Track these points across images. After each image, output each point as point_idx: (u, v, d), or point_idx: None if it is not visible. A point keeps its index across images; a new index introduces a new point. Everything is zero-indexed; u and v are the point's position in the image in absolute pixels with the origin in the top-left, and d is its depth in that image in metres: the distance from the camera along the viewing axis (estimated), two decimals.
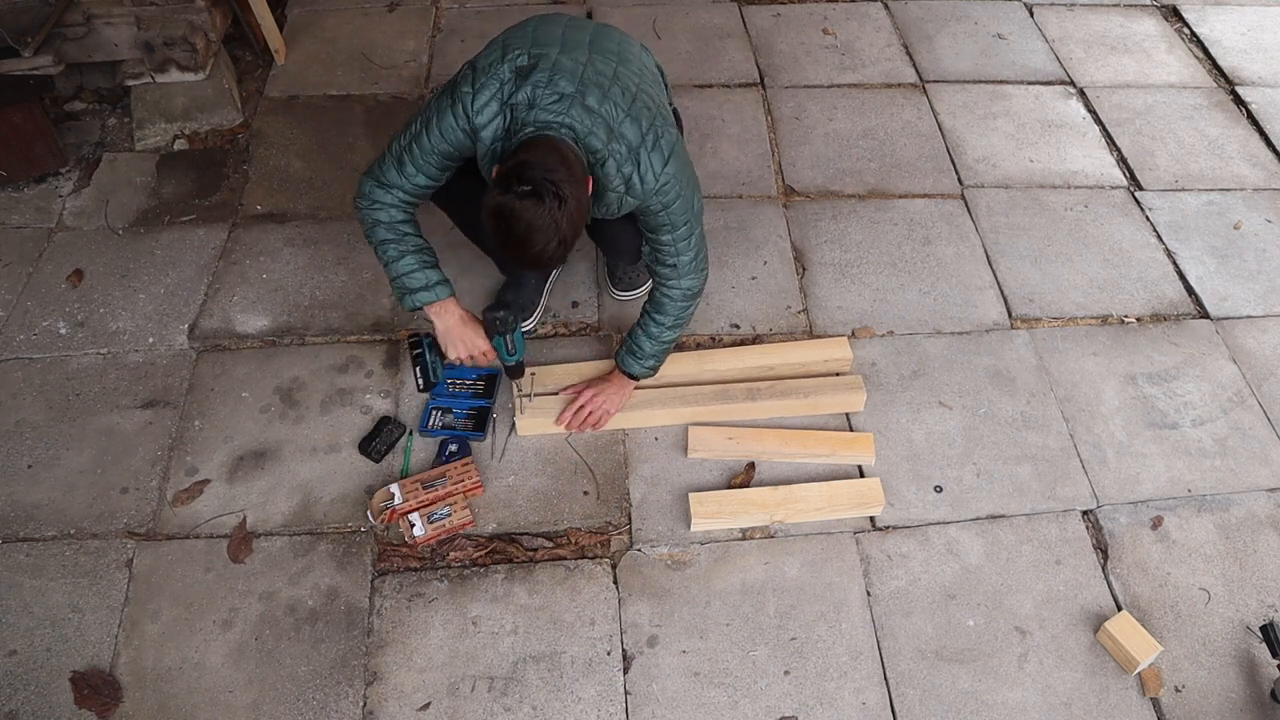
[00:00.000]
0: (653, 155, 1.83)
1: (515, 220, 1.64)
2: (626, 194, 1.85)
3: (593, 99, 1.78)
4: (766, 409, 2.22)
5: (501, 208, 1.65)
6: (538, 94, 1.76)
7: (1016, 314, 2.52)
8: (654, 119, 1.85)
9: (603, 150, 1.78)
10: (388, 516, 2.01)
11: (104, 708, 1.75)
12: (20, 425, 2.18)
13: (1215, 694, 1.86)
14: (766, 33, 3.42)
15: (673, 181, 1.87)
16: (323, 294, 2.48)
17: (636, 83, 1.87)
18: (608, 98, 1.80)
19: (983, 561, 2.02)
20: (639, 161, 1.82)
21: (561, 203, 1.64)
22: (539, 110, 1.75)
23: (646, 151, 1.82)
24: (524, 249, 1.68)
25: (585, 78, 1.80)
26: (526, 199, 1.63)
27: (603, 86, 1.80)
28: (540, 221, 1.64)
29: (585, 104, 1.77)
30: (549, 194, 1.63)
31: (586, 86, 1.78)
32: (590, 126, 1.76)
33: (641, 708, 1.79)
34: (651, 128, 1.84)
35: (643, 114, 1.83)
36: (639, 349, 2.11)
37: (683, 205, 1.92)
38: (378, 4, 3.44)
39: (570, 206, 1.66)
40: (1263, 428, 2.30)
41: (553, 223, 1.65)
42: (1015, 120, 3.12)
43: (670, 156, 1.85)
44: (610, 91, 1.81)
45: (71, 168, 2.80)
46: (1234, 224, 2.81)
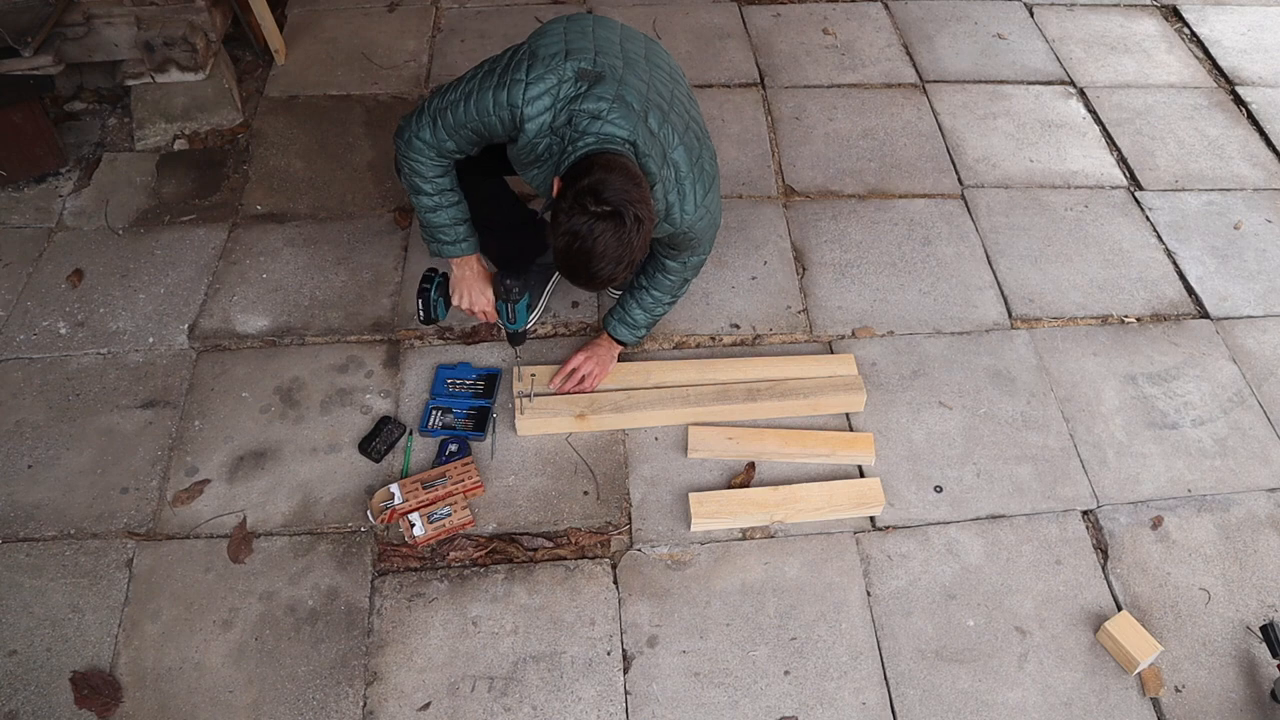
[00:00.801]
0: (697, 185, 1.83)
1: (594, 241, 1.61)
2: (664, 220, 1.84)
3: (654, 121, 1.77)
4: (766, 409, 2.22)
5: (580, 228, 1.61)
6: (603, 107, 1.72)
7: (1016, 314, 2.52)
8: (701, 148, 1.86)
9: (656, 174, 1.76)
10: (388, 516, 2.01)
11: (104, 708, 1.75)
12: (20, 425, 2.18)
13: (1215, 694, 1.86)
14: (766, 33, 3.42)
15: (708, 213, 1.88)
16: (323, 294, 2.48)
17: (688, 107, 1.88)
18: (666, 121, 1.79)
19: (983, 561, 2.02)
20: (683, 190, 1.81)
21: (640, 225, 1.63)
22: (605, 123, 1.72)
23: (692, 181, 1.82)
24: (591, 268, 1.66)
25: (649, 98, 1.78)
26: (606, 220, 1.61)
27: (663, 109, 1.79)
28: (616, 244, 1.62)
29: (648, 125, 1.76)
30: (629, 216, 1.61)
31: (649, 107, 1.77)
32: (648, 149, 1.75)
33: (641, 708, 1.79)
34: (700, 158, 1.84)
35: (694, 142, 1.83)
36: (632, 319, 2.13)
37: (711, 234, 1.96)
38: (378, 4, 3.44)
39: (645, 229, 1.65)
40: (1263, 428, 2.30)
41: (627, 246, 1.63)
42: (1015, 120, 3.12)
43: (710, 188, 1.86)
44: (669, 116, 1.80)
45: (71, 168, 2.80)
46: (1234, 224, 2.81)
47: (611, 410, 2.18)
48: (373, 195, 2.75)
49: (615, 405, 2.19)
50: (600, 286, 1.75)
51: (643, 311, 2.12)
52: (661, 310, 2.15)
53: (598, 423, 2.19)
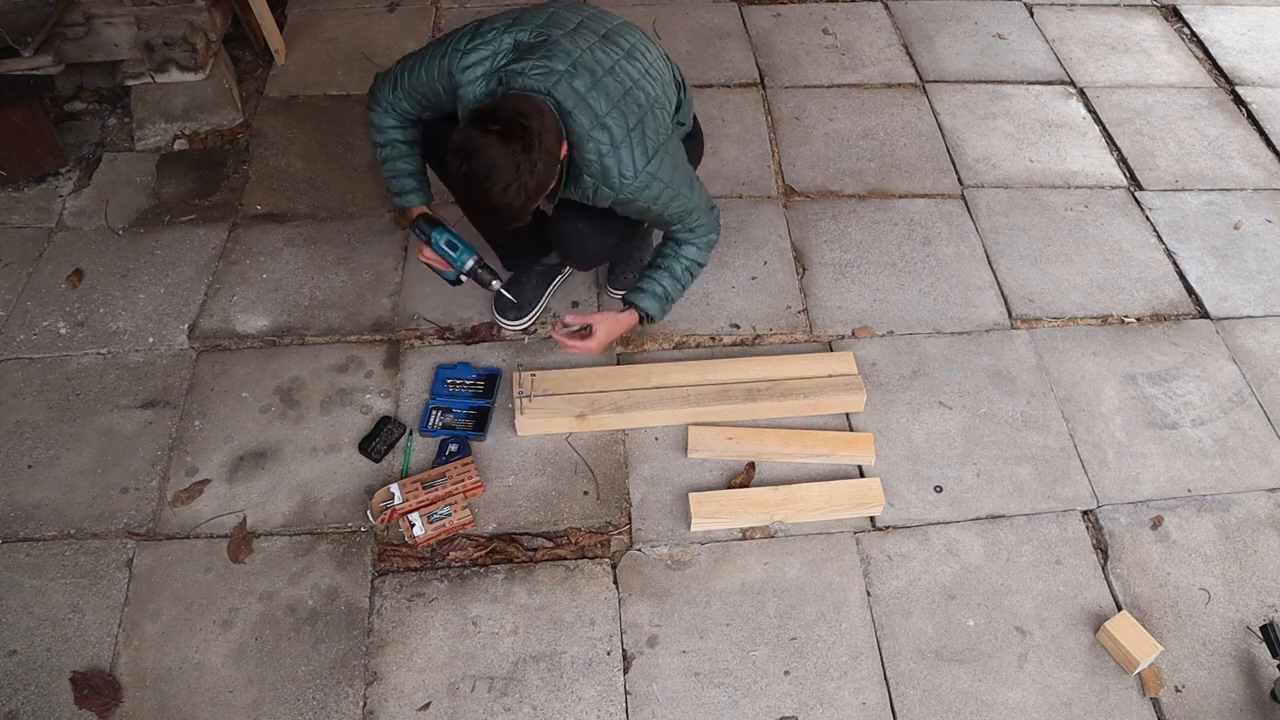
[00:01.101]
0: (635, 151, 1.81)
1: (477, 157, 1.62)
2: (603, 184, 1.84)
3: (581, 83, 1.77)
4: (766, 409, 2.22)
5: (466, 141, 1.63)
6: (527, 65, 1.76)
7: (1016, 314, 2.52)
8: (643, 116, 1.84)
9: (584, 134, 1.77)
10: (388, 516, 2.01)
11: (104, 708, 1.75)
12: (20, 425, 2.18)
13: (1215, 694, 1.86)
14: (766, 33, 3.42)
15: (658, 180, 1.85)
16: (323, 294, 2.48)
17: (635, 79, 1.87)
18: (598, 86, 1.79)
19: (983, 561, 2.02)
20: (619, 155, 1.80)
21: (527, 149, 1.62)
22: (524, 78, 1.75)
23: (630, 147, 1.81)
24: (484, 192, 1.65)
25: (580, 61, 1.79)
26: (491, 135, 1.61)
27: (595, 74, 1.80)
28: (503, 161, 1.61)
29: (573, 85, 1.77)
30: (517, 135, 1.62)
31: (578, 70, 1.78)
32: (572, 107, 1.75)
33: (641, 708, 1.79)
34: (640, 124, 1.82)
35: (631, 109, 1.82)
36: (659, 287, 2.07)
37: (680, 204, 1.93)
38: (378, 4, 3.44)
39: (537, 156, 1.64)
40: (1263, 428, 2.30)
41: (515, 166, 1.62)
42: (1015, 120, 3.12)
43: (655, 154, 1.84)
44: (602, 81, 1.80)
45: (71, 168, 2.80)
46: (1234, 224, 2.81)
47: (612, 410, 2.18)
48: (373, 195, 2.75)
49: (615, 405, 2.18)
50: (499, 217, 1.72)
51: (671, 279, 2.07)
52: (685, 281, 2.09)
53: (598, 423, 2.19)
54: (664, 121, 1.92)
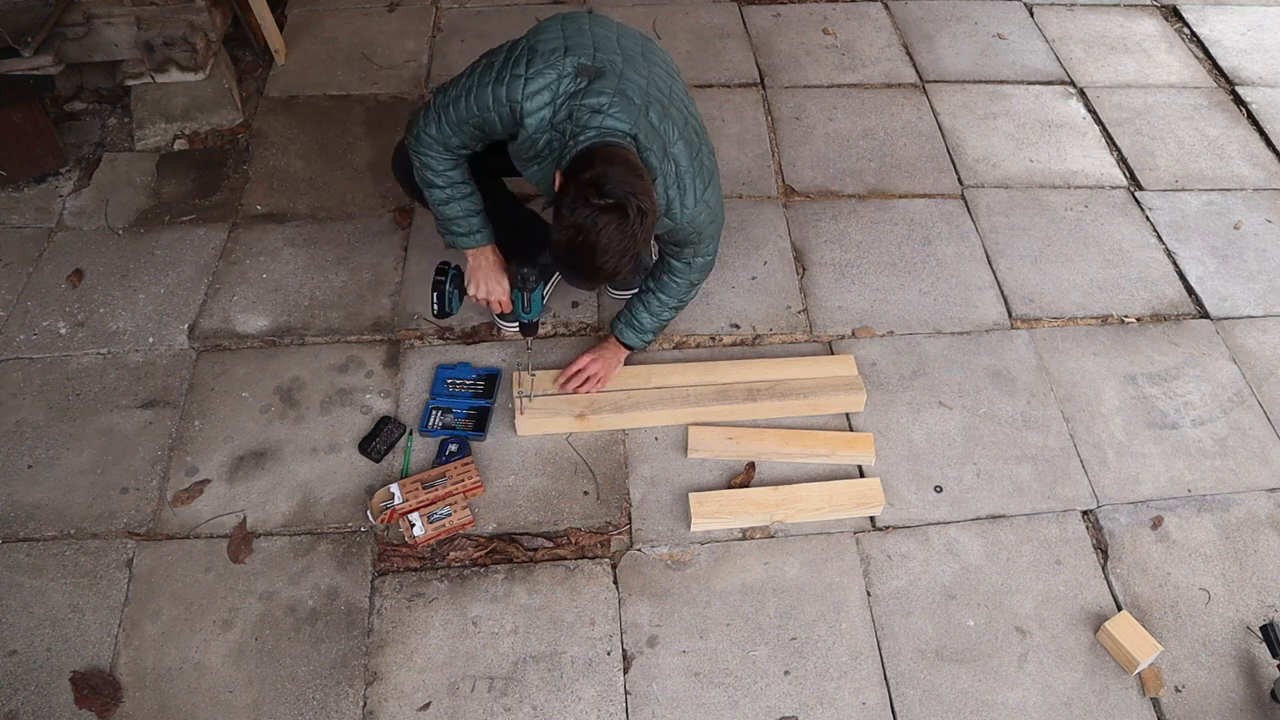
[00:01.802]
0: (697, 180, 1.83)
1: (597, 234, 1.60)
2: (665, 215, 1.84)
3: (655, 115, 1.77)
4: (766, 409, 2.22)
5: (584, 221, 1.60)
6: (604, 101, 1.72)
7: (1016, 314, 2.52)
8: (701, 143, 1.85)
9: (657, 168, 1.76)
10: (388, 516, 2.01)
11: (104, 708, 1.75)
12: (20, 425, 2.18)
13: (1215, 694, 1.86)
14: (766, 33, 3.42)
15: (708, 208, 1.88)
16: (323, 294, 2.48)
17: (686, 104, 1.88)
18: (667, 116, 1.79)
19: (983, 561, 2.02)
20: (683, 184, 1.81)
21: (643, 218, 1.62)
22: (607, 117, 1.71)
23: (692, 176, 1.82)
24: (595, 262, 1.65)
25: (649, 93, 1.78)
26: (609, 213, 1.60)
27: (663, 104, 1.79)
28: (619, 236, 1.61)
29: (649, 120, 1.75)
30: (632, 208, 1.61)
31: (650, 102, 1.77)
32: (649, 143, 1.74)
33: (641, 708, 1.79)
34: (699, 153, 1.84)
35: (693, 137, 1.83)
36: (638, 322, 2.14)
37: (714, 229, 1.95)
38: (378, 4, 3.44)
39: (649, 221, 1.65)
40: (1263, 428, 2.30)
41: (630, 238, 1.62)
42: (1015, 120, 3.12)
43: (710, 182, 1.86)
44: (669, 111, 1.80)
45: (71, 168, 2.80)
46: (1234, 224, 2.81)
47: (612, 410, 2.18)
48: (373, 195, 2.75)
49: (615, 405, 2.19)
50: (602, 281, 1.75)
51: (649, 315, 2.13)
52: (668, 315, 2.15)
53: (598, 423, 2.19)
54: (711, 147, 1.92)
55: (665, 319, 2.17)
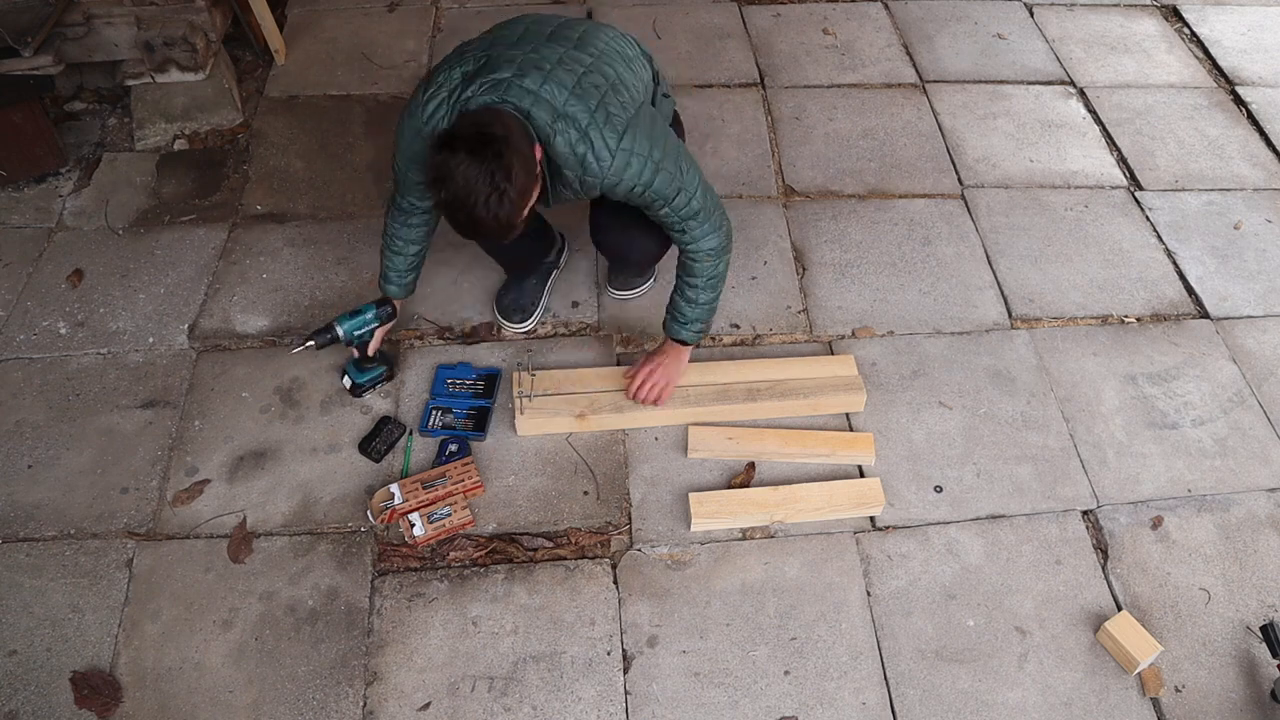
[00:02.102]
0: (605, 132, 1.77)
1: (452, 179, 1.60)
2: (584, 174, 1.80)
3: (531, 81, 1.75)
4: (766, 409, 2.22)
5: (438, 167, 1.62)
6: (474, 86, 1.75)
7: (1016, 314, 2.52)
8: (604, 96, 1.79)
9: (548, 128, 1.75)
10: (388, 516, 2.01)
11: (104, 708, 1.75)
12: (20, 425, 2.18)
13: (1215, 694, 1.86)
14: (766, 33, 3.42)
15: (637, 157, 1.80)
16: (323, 294, 2.48)
17: (588, 64, 1.82)
18: (548, 79, 1.76)
19: (983, 561, 2.02)
20: (591, 140, 1.77)
21: (498, 156, 1.60)
22: (475, 99, 1.74)
23: (598, 129, 1.77)
24: (470, 212, 1.63)
25: (523, 63, 1.77)
26: (460, 153, 1.60)
27: (543, 70, 1.77)
28: (478, 176, 1.59)
29: (523, 85, 1.74)
30: (485, 146, 1.60)
31: (525, 70, 1.76)
32: (529, 105, 1.73)
33: (641, 708, 1.79)
34: (602, 105, 1.78)
35: (591, 92, 1.78)
36: (680, 315, 2.09)
37: (664, 179, 1.85)
38: (378, 4, 3.44)
39: (511, 161, 1.62)
40: (1263, 428, 2.30)
41: (490, 177, 1.60)
42: (1015, 120, 3.12)
43: (626, 130, 1.79)
44: (552, 74, 1.77)
45: (71, 168, 2.80)
46: (1234, 224, 2.81)
47: (611, 410, 2.18)
48: (373, 195, 2.75)
49: (615, 405, 2.18)
50: (492, 233, 1.71)
51: (686, 304, 2.06)
52: (704, 298, 2.05)
53: (597, 423, 2.18)
54: (630, 97, 1.86)
55: (704, 303, 2.06)
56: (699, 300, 2.06)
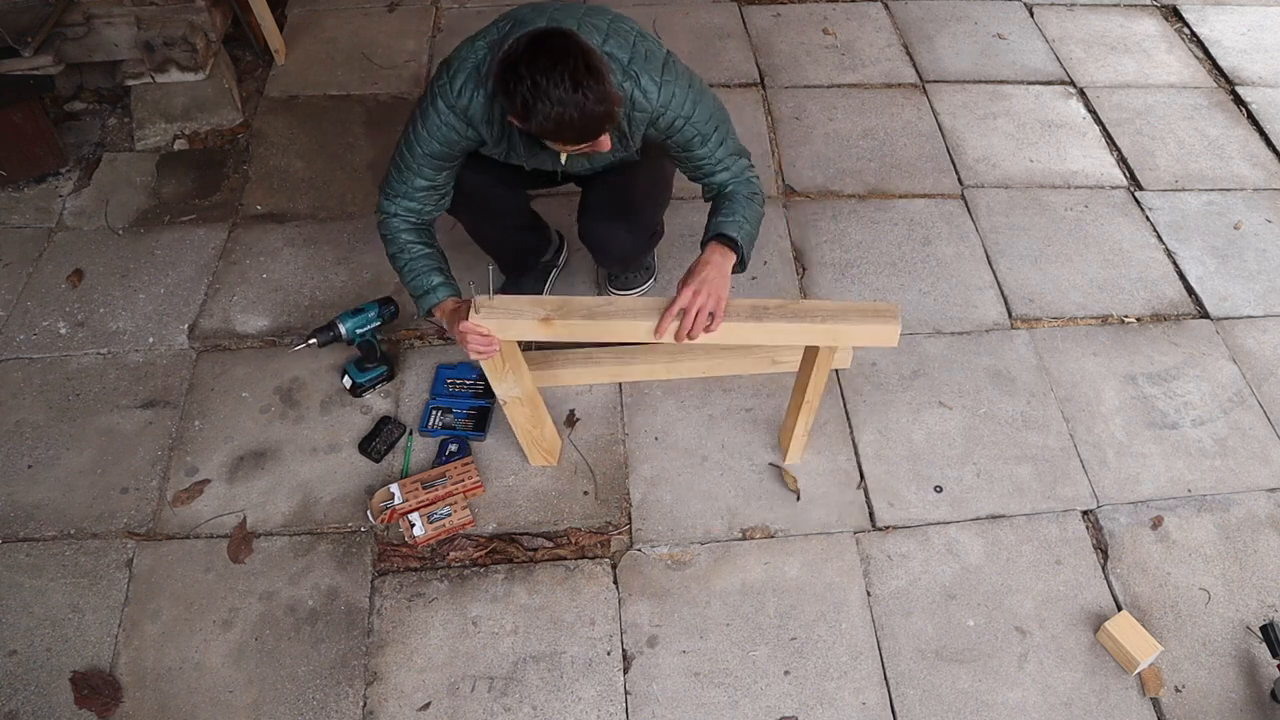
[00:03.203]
0: (646, 67, 1.74)
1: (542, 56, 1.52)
2: (633, 110, 1.77)
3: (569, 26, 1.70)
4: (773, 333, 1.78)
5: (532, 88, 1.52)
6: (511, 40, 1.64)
7: (1016, 314, 2.52)
8: (635, 40, 1.77)
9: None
10: (388, 516, 2.01)
11: (104, 708, 1.75)
12: (20, 425, 2.18)
13: (1215, 694, 1.86)
14: (766, 33, 3.42)
15: (680, 90, 1.78)
16: (323, 294, 2.48)
17: (611, 17, 1.80)
18: (582, 26, 1.73)
19: (983, 561, 2.02)
20: (635, 76, 1.74)
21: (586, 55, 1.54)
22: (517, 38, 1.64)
23: (640, 64, 1.74)
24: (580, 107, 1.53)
25: (553, 16, 1.74)
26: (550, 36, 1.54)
27: (575, 18, 1.75)
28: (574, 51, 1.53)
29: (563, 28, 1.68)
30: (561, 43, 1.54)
31: (559, 21, 1.72)
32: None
33: (641, 708, 1.79)
34: (638, 44, 1.76)
35: (625, 34, 1.76)
36: (734, 216, 1.84)
37: (704, 111, 1.80)
38: (378, 4, 3.44)
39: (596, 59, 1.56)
40: (1263, 428, 2.30)
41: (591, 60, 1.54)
42: (1015, 120, 3.12)
43: (665, 65, 1.77)
44: (583, 24, 1.74)
45: (71, 168, 2.80)
46: (1234, 224, 2.81)
47: (583, 316, 1.77)
48: (373, 195, 2.73)
49: (588, 311, 1.78)
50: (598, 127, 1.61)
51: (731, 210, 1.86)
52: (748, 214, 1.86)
53: (567, 329, 1.77)
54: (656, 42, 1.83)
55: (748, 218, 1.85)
56: (741, 213, 1.85)
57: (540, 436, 2.07)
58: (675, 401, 2.27)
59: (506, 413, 1.98)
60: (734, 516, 2.07)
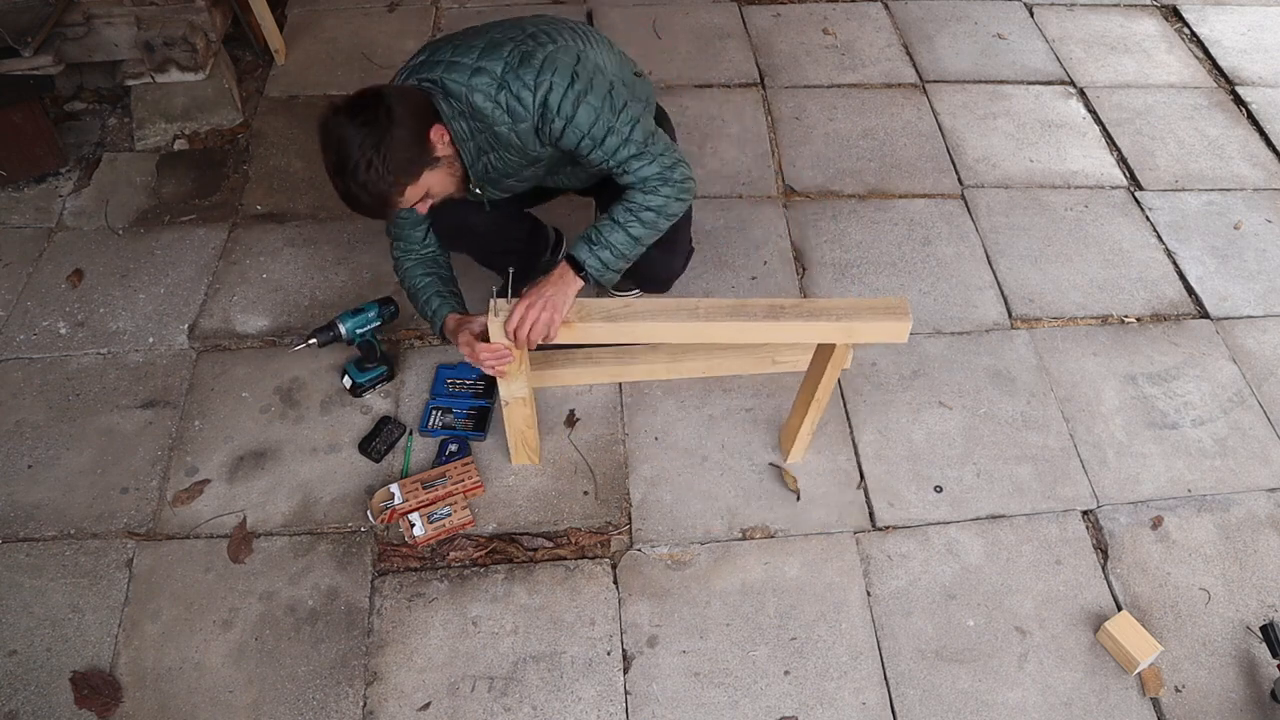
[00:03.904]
0: (522, 72, 1.72)
1: (331, 139, 1.60)
2: (515, 122, 1.75)
3: (442, 54, 1.76)
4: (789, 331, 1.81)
5: (322, 129, 1.61)
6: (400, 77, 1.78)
7: (1016, 314, 2.52)
8: (521, 43, 1.75)
9: (464, 86, 1.72)
10: (388, 516, 2.01)
11: (104, 708, 1.75)
12: (20, 425, 2.18)
13: (1215, 694, 1.86)
14: (766, 33, 3.42)
15: (556, 90, 1.72)
16: (323, 294, 2.48)
17: (506, 27, 1.81)
18: (458, 49, 1.75)
19: (983, 561, 2.02)
20: (509, 84, 1.72)
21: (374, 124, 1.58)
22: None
23: (513, 70, 1.72)
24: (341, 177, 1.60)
25: (432, 43, 1.79)
26: (340, 115, 1.59)
27: (454, 43, 1.78)
28: (354, 137, 1.57)
29: (433, 59, 1.76)
30: (366, 107, 1.59)
31: (434, 47, 1.78)
32: (441, 74, 1.73)
33: (641, 708, 1.79)
34: (516, 50, 1.74)
35: (505, 44, 1.75)
36: (596, 236, 1.81)
37: (588, 114, 1.73)
38: (378, 4, 3.44)
39: (390, 132, 1.59)
40: (1263, 428, 2.30)
41: (362, 139, 1.57)
42: (1015, 120, 3.12)
43: (544, 64, 1.72)
44: (461, 46, 1.76)
45: (71, 168, 2.80)
46: (1234, 224, 2.81)
47: (603, 319, 1.79)
48: None
49: (607, 313, 1.79)
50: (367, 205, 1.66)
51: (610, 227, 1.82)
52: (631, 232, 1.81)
53: (585, 332, 1.80)
54: (553, 41, 1.79)
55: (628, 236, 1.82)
56: (625, 227, 1.81)
57: (531, 436, 2.08)
58: (675, 401, 2.27)
59: (505, 413, 1.98)
60: (734, 516, 2.07)
